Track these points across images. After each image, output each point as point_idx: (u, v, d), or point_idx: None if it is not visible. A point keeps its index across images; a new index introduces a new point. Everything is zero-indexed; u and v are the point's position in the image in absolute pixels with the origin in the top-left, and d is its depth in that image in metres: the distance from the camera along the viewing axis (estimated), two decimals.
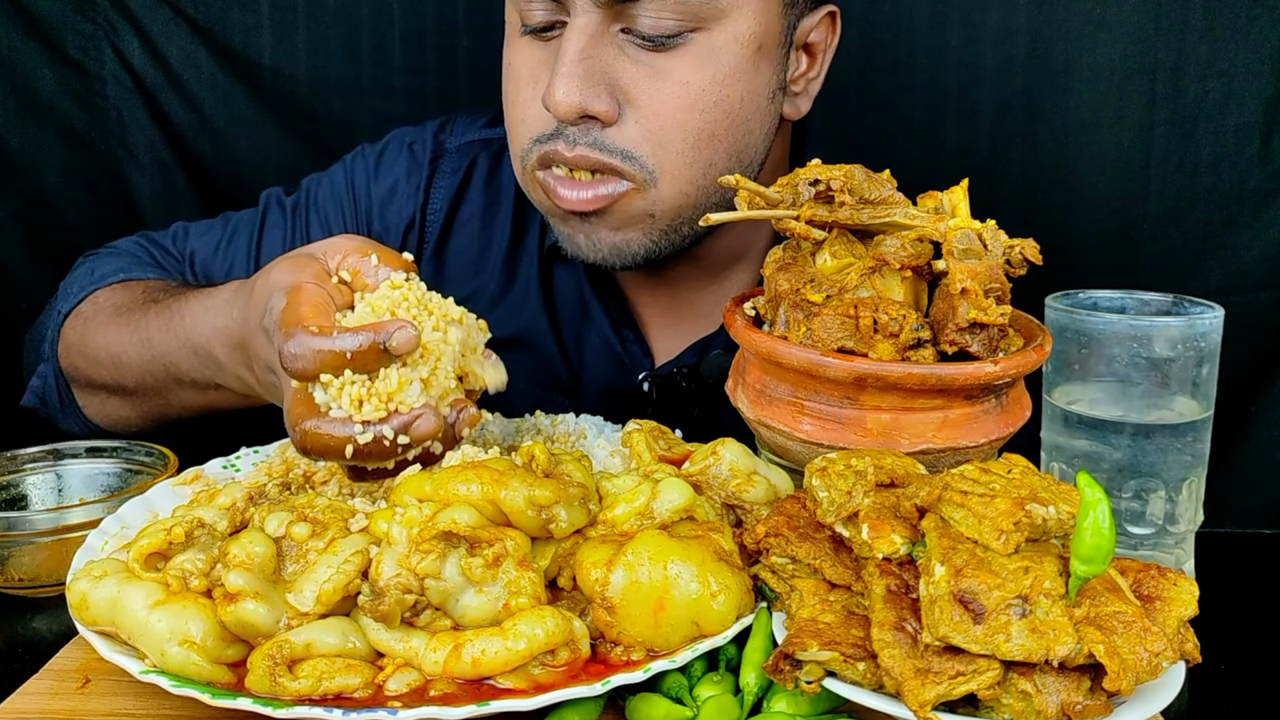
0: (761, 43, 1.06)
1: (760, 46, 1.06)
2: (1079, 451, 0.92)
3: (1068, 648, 0.62)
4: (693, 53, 1.03)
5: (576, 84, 1.01)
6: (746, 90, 1.07)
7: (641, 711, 0.71)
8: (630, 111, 1.04)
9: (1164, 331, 0.90)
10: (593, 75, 1.02)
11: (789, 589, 0.74)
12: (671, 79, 1.03)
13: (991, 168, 1.56)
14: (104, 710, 0.73)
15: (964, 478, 0.69)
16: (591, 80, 1.01)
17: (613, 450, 0.97)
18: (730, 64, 1.05)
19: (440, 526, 0.71)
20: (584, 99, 1.01)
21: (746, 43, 1.05)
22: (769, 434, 0.87)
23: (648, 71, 1.03)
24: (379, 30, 1.59)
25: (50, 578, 0.91)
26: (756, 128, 1.10)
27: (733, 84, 1.05)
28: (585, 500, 0.76)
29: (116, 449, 1.04)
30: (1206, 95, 1.50)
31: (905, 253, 0.85)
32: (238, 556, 0.73)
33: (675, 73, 1.03)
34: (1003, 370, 0.81)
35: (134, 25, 1.58)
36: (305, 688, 0.68)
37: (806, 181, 0.87)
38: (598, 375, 1.23)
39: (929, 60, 1.55)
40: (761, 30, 1.06)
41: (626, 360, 1.25)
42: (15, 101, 1.58)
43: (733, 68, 1.05)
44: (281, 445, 1.02)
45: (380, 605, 0.70)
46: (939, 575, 0.64)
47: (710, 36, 1.03)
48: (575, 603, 0.75)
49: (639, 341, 1.25)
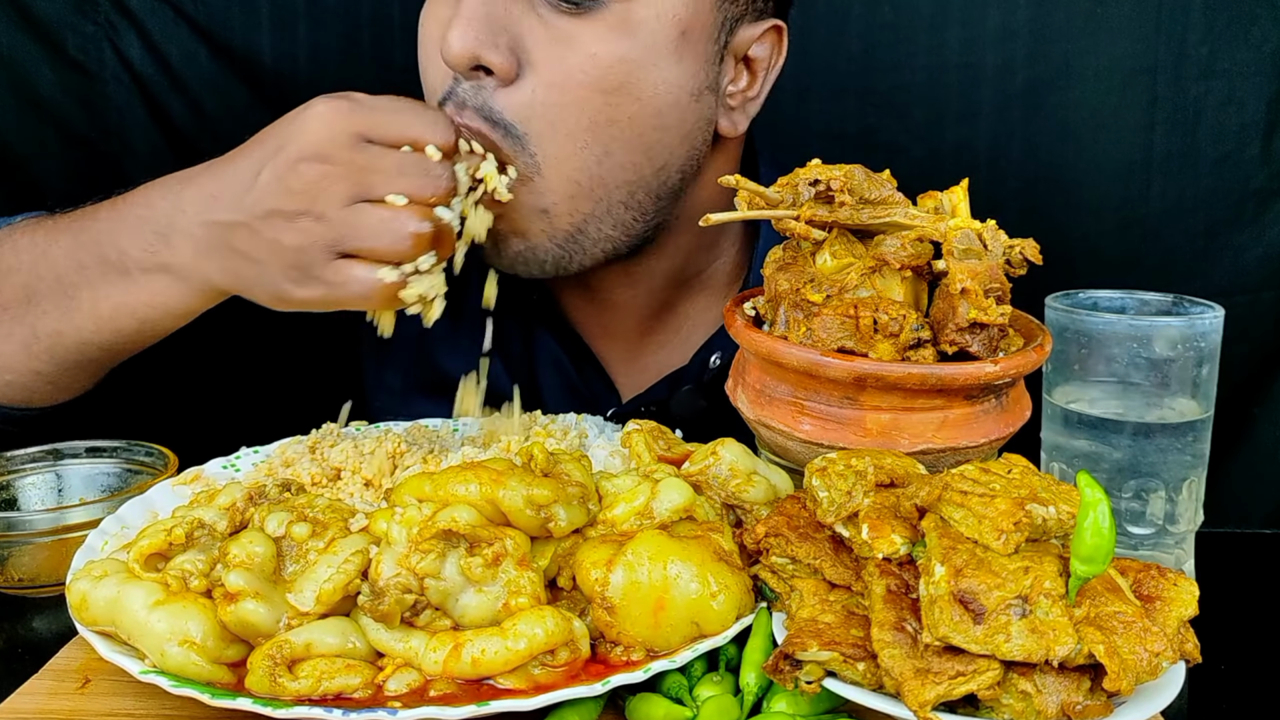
0: (686, 28, 0.98)
1: (685, 32, 0.98)
2: (1079, 451, 0.92)
3: (1068, 648, 0.62)
4: (607, 20, 0.96)
5: (474, 29, 0.93)
6: (663, 79, 0.99)
7: (641, 711, 0.71)
8: (528, 75, 0.96)
9: (1164, 331, 0.90)
10: (493, 23, 0.94)
11: (789, 589, 0.74)
12: (578, 48, 0.96)
13: (991, 168, 1.56)
14: (104, 710, 0.73)
15: (964, 478, 0.69)
16: (491, 29, 0.94)
17: (613, 450, 0.97)
18: (647, 42, 0.97)
19: (440, 526, 0.71)
20: (479, 46, 0.94)
21: (669, 23, 0.97)
22: (769, 434, 0.87)
23: (555, 35, 0.96)
24: (379, 30, 1.59)
25: (50, 578, 0.91)
26: (673, 124, 1.02)
27: (646, 67, 0.97)
28: (584, 500, 0.76)
29: (116, 449, 1.04)
30: (1207, 95, 1.50)
31: (905, 253, 0.85)
32: (238, 556, 0.73)
33: (584, 41, 0.95)
34: (1003, 370, 0.81)
35: (135, 25, 1.58)
36: (305, 688, 0.68)
37: (806, 181, 0.87)
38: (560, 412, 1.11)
39: (929, 60, 1.55)
40: (688, 15, 0.98)
41: (589, 396, 1.20)
42: (15, 101, 1.57)
43: (649, 47, 0.97)
44: (281, 445, 1.02)
45: (380, 605, 0.70)
46: (939, 575, 0.64)
47: (629, 7, 0.96)
48: (575, 603, 0.75)
49: (601, 378, 1.20)
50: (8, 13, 1.55)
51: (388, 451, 0.97)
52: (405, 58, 1.60)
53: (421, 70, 1.05)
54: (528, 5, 0.96)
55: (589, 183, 1.00)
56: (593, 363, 1.20)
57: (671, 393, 1.17)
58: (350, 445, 0.98)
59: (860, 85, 1.55)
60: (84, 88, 1.59)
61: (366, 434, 1.03)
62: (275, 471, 0.96)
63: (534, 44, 0.96)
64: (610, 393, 1.21)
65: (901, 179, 0.89)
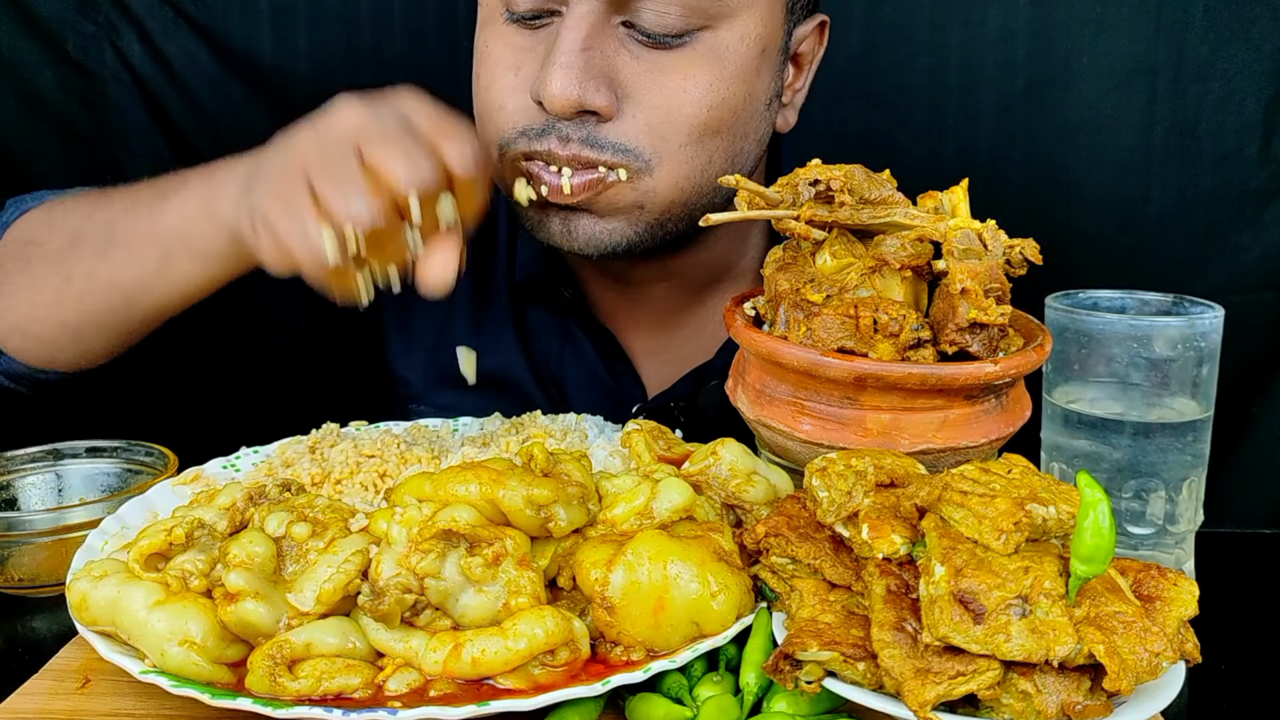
0: (765, 46, 1.04)
1: (764, 50, 1.04)
2: (1079, 451, 0.92)
3: (1068, 648, 0.62)
4: (698, 50, 1.00)
5: (575, 76, 0.96)
6: (749, 93, 1.04)
7: (641, 711, 0.71)
8: (629, 107, 0.99)
9: (1164, 331, 0.90)
10: (591, 68, 0.97)
11: (789, 589, 0.74)
12: (674, 74, 0.99)
13: (991, 168, 1.56)
14: (104, 710, 0.73)
15: (964, 478, 0.69)
16: (590, 73, 0.97)
17: (613, 450, 0.97)
18: (735, 65, 1.01)
19: (440, 526, 0.71)
20: (583, 93, 0.96)
21: (752, 43, 1.02)
22: (769, 434, 0.87)
23: (649, 67, 0.99)
24: (379, 30, 1.59)
25: (50, 578, 0.91)
26: (752, 132, 1.07)
27: (737, 84, 1.02)
28: (584, 499, 0.76)
29: (117, 449, 1.04)
30: (1207, 95, 1.50)
31: (905, 253, 0.85)
32: (238, 556, 0.73)
33: (678, 70, 1.00)
34: (1003, 370, 0.81)
35: (135, 25, 1.58)
36: (305, 688, 0.68)
37: (806, 181, 0.87)
38: (585, 411, 1.13)
39: (929, 60, 1.55)
40: (766, 34, 1.04)
41: (618, 393, 1.21)
42: (15, 101, 1.58)
43: (738, 69, 1.02)
44: (281, 445, 1.02)
45: (380, 605, 0.70)
46: (939, 575, 0.64)
47: (716, 35, 1.00)
48: (575, 603, 0.75)
49: (629, 373, 1.22)
50: (8, 13, 1.55)
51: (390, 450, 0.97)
52: (404, 57, 1.61)
53: (483, 88, 1.05)
54: (618, 44, 0.99)
55: (691, 187, 1.04)
56: (622, 358, 1.22)
57: (696, 388, 1.18)
58: (350, 445, 0.98)
59: (861, 86, 1.55)
60: (84, 88, 1.59)
61: (366, 434, 1.03)
62: (275, 471, 0.96)
63: (630, 78, 0.99)
64: (637, 388, 1.22)
65: (901, 179, 0.89)
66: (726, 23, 1.00)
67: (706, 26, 1.00)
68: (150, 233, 1.02)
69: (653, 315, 1.21)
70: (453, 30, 1.60)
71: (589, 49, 0.97)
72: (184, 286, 1.04)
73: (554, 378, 1.23)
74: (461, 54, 1.61)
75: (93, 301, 1.06)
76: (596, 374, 1.22)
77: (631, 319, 1.22)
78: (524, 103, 1.01)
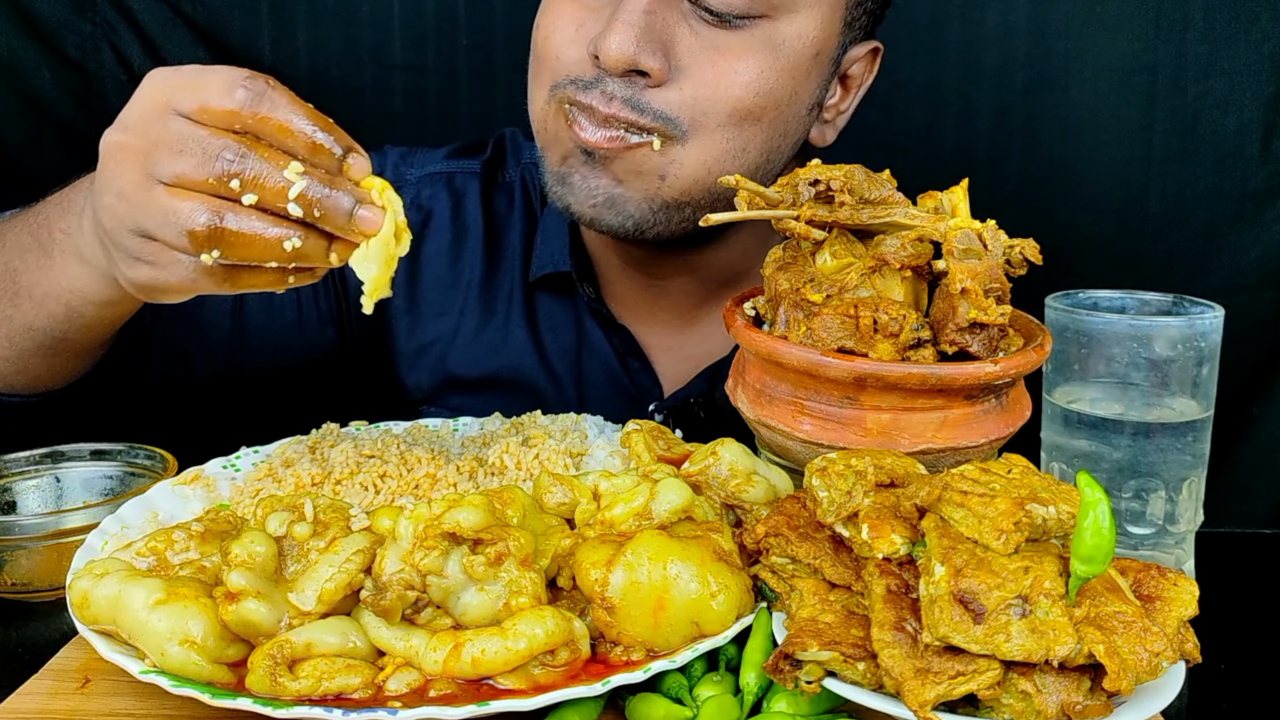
0: (820, 50, 1.06)
1: (818, 53, 1.06)
2: (1079, 451, 0.92)
3: (1068, 648, 0.62)
4: (756, 37, 1.02)
5: (633, 34, 0.98)
6: (795, 90, 1.06)
7: (641, 711, 0.71)
8: (679, 78, 1.01)
9: (1164, 331, 0.90)
10: (651, 31, 0.99)
11: (789, 589, 0.74)
12: (729, 55, 1.01)
13: (991, 168, 1.56)
14: (104, 710, 0.73)
15: (964, 478, 0.69)
16: (649, 36, 0.99)
17: (612, 450, 0.97)
18: (789, 59, 1.03)
19: (446, 526, 0.71)
20: (638, 51, 0.98)
21: (809, 43, 1.04)
22: (769, 434, 0.87)
23: (706, 45, 1.01)
24: (379, 30, 1.59)
25: (46, 583, 0.91)
26: (790, 133, 1.09)
27: (786, 78, 1.04)
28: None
29: (117, 452, 1.03)
30: (1206, 95, 1.50)
31: (905, 253, 0.85)
32: (239, 556, 0.73)
33: (734, 51, 1.02)
34: (1003, 370, 0.81)
35: (133, 25, 1.58)
36: (305, 687, 0.68)
37: (806, 181, 0.87)
38: (601, 409, 1.14)
39: (929, 59, 1.55)
40: (823, 38, 1.05)
41: (634, 390, 1.22)
42: (15, 101, 1.58)
43: (790, 63, 1.03)
44: (281, 445, 1.02)
45: (382, 600, 0.70)
46: (939, 575, 0.64)
47: (776, 26, 1.02)
48: (575, 603, 0.75)
49: (646, 370, 1.22)
50: (7, 13, 1.55)
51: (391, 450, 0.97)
52: (404, 58, 1.61)
53: (542, 38, 1.07)
54: (680, 16, 1.02)
55: (718, 169, 1.04)
56: (640, 355, 1.22)
57: (712, 386, 1.19)
58: (350, 445, 0.98)
59: None
60: (83, 88, 1.59)
61: (367, 434, 1.03)
62: (275, 471, 0.96)
63: (685, 51, 1.01)
64: (654, 385, 1.23)
65: (901, 179, 0.89)
66: (787, 16, 1.03)
67: (768, 16, 1.02)
68: (48, 290, 0.97)
69: (672, 310, 1.22)
70: (452, 31, 1.60)
71: (652, 13, 1.00)
72: (104, 324, 1.00)
73: (567, 375, 1.24)
74: (461, 53, 1.62)
75: (21, 340, 1.02)
76: (612, 371, 1.23)
77: (650, 314, 1.23)
78: (579, 55, 1.03)
